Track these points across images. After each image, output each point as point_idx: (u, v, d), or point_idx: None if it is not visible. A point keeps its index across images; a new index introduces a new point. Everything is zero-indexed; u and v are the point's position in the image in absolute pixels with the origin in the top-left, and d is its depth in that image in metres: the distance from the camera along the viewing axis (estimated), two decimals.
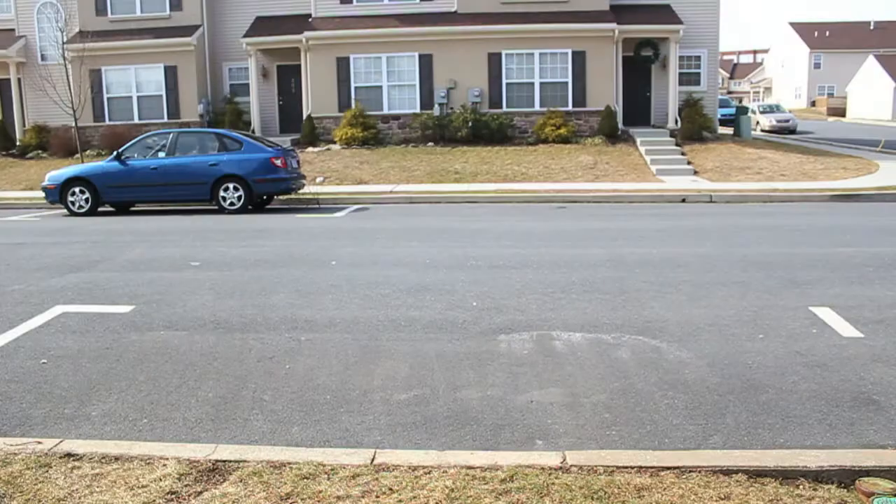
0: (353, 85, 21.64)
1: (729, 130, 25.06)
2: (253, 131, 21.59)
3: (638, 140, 20.45)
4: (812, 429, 3.63)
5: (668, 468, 3.12)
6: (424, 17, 21.75)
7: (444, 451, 3.39)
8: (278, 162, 13.75)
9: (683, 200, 14.84)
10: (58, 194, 14.07)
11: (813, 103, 57.85)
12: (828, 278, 6.77)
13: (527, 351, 4.85)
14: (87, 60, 20.99)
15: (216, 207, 13.91)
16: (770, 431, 3.61)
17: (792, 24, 62.88)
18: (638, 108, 22.72)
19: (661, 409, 3.90)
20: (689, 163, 18.94)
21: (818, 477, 3.07)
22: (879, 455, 3.27)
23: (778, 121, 33.42)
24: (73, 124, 19.96)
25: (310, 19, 21.99)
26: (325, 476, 3.09)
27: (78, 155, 20.28)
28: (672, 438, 3.56)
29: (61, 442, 3.46)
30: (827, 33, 60.10)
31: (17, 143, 23.47)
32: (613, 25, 20.78)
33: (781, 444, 3.47)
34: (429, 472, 3.11)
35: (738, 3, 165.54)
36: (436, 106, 21.24)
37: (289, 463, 3.22)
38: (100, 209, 14.27)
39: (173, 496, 2.95)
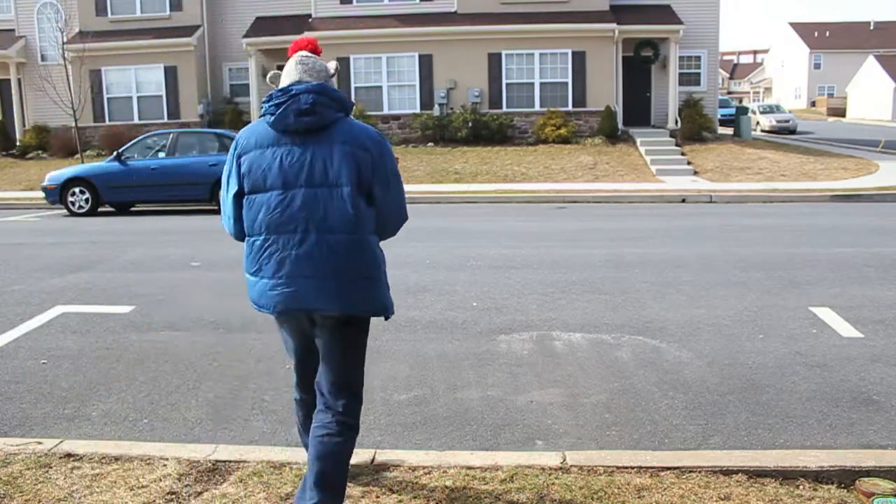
0: (353, 85, 21.62)
1: (729, 131, 25.06)
2: None
3: (638, 140, 20.45)
4: (812, 429, 3.63)
5: (668, 468, 3.12)
6: (424, 17, 21.75)
7: (444, 451, 3.39)
8: None
9: (683, 200, 14.84)
10: (58, 194, 14.07)
11: (813, 103, 57.82)
12: (828, 278, 6.77)
13: (527, 351, 4.85)
14: (86, 61, 20.99)
15: (216, 207, 13.91)
16: (770, 431, 3.61)
17: (792, 24, 62.85)
18: (638, 109, 22.70)
19: (661, 409, 3.90)
20: (689, 163, 18.94)
21: (818, 477, 3.07)
22: (879, 455, 3.26)
23: (778, 121, 33.41)
24: (73, 125, 19.96)
25: (310, 19, 21.98)
26: None
27: (78, 155, 20.27)
28: (672, 438, 3.56)
29: (61, 442, 3.46)
30: (827, 33, 60.07)
31: (18, 144, 23.46)
32: (613, 26, 20.77)
33: (781, 444, 3.47)
34: (429, 472, 3.11)
35: (738, 3, 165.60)
36: (436, 106, 21.24)
37: (289, 463, 3.22)
38: (100, 209, 14.27)
39: (173, 496, 2.95)
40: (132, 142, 14.73)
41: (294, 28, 21.61)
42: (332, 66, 2.62)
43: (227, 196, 2.61)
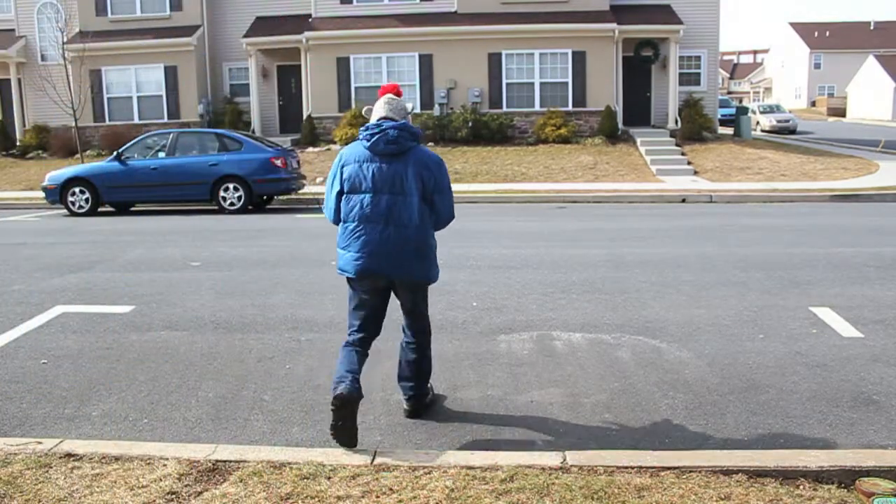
0: (353, 85, 21.63)
1: (729, 130, 25.06)
2: (253, 131, 21.59)
3: (638, 140, 20.45)
4: (812, 429, 3.63)
5: (668, 468, 3.12)
6: (424, 17, 21.75)
7: (444, 451, 3.39)
8: (278, 162, 13.75)
9: (683, 200, 14.84)
10: (58, 194, 14.07)
11: (813, 103, 57.82)
12: (828, 278, 6.77)
13: (527, 351, 4.85)
14: (87, 60, 20.99)
15: (216, 207, 13.91)
16: (770, 431, 3.61)
17: (792, 24, 62.86)
18: (638, 108, 22.71)
19: (661, 409, 3.90)
20: (689, 163, 18.94)
21: (818, 477, 3.07)
22: (879, 455, 3.26)
23: (778, 121, 33.40)
24: (74, 124, 19.95)
25: (310, 19, 21.98)
26: (325, 476, 3.09)
27: (78, 155, 20.28)
28: (672, 438, 3.56)
29: (61, 442, 3.46)
30: (827, 33, 60.07)
31: (18, 144, 23.46)
32: (613, 25, 20.77)
33: (781, 444, 3.47)
34: (429, 472, 3.11)
35: (738, 3, 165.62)
36: (436, 106, 21.24)
37: (289, 463, 3.22)
38: (100, 209, 14.28)
39: (173, 496, 2.95)
40: (132, 142, 14.73)
41: (294, 28, 21.64)
42: (409, 106, 3.77)
43: (330, 193, 3.73)
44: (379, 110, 3.71)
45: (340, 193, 3.68)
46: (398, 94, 3.80)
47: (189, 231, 11.04)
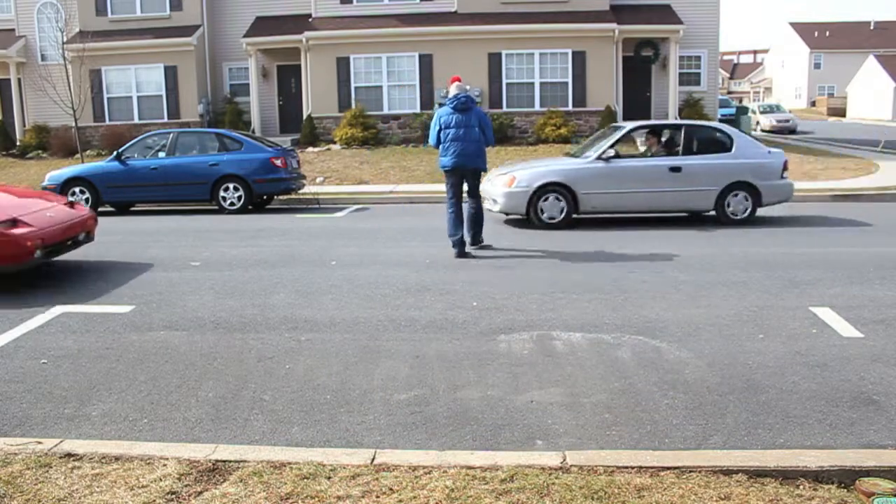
0: (353, 85, 21.62)
1: None
2: (253, 131, 21.58)
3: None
4: (812, 429, 3.63)
5: (668, 468, 3.12)
6: (424, 17, 21.74)
7: (444, 451, 3.39)
8: (278, 162, 13.73)
9: None
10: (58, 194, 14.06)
11: (813, 103, 57.82)
12: (828, 278, 6.77)
13: (527, 351, 4.85)
14: (87, 60, 20.97)
15: (216, 207, 13.90)
16: (770, 431, 3.61)
17: (792, 24, 62.87)
18: (638, 108, 22.68)
19: (662, 409, 3.90)
20: None
21: (818, 477, 3.07)
22: (879, 455, 3.27)
23: (778, 121, 33.43)
24: (73, 124, 19.94)
25: (310, 19, 21.97)
26: (325, 476, 3.09)
27: (78, 155, 20.26)
28: (672, 438, 3.56)
29: (61, 442, 3.46)
30: (827, 33, 60.07)
31: (18, 144, 23.44)
32: (613, 25, 20.76)
33: (781, 444, 3.47)
34: (429, 472, 3.11)
35: (738, 3, 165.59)
36: (436, 105, 21.22)
37: (289, 463, 3.22)
38: (100, 209, 14.27)
39: (173, 496, 2.95)
40: (132, 142, 14.71)
41: (294, 28, 21.62)
42: (467, 87, 8.08)
43: (434, 130, 8.17)
44: (454, 90, 8.14)
45: (440, 130, 8.00)
46: (460, 80, 8.29)
47: (189, 231, 11.04)
